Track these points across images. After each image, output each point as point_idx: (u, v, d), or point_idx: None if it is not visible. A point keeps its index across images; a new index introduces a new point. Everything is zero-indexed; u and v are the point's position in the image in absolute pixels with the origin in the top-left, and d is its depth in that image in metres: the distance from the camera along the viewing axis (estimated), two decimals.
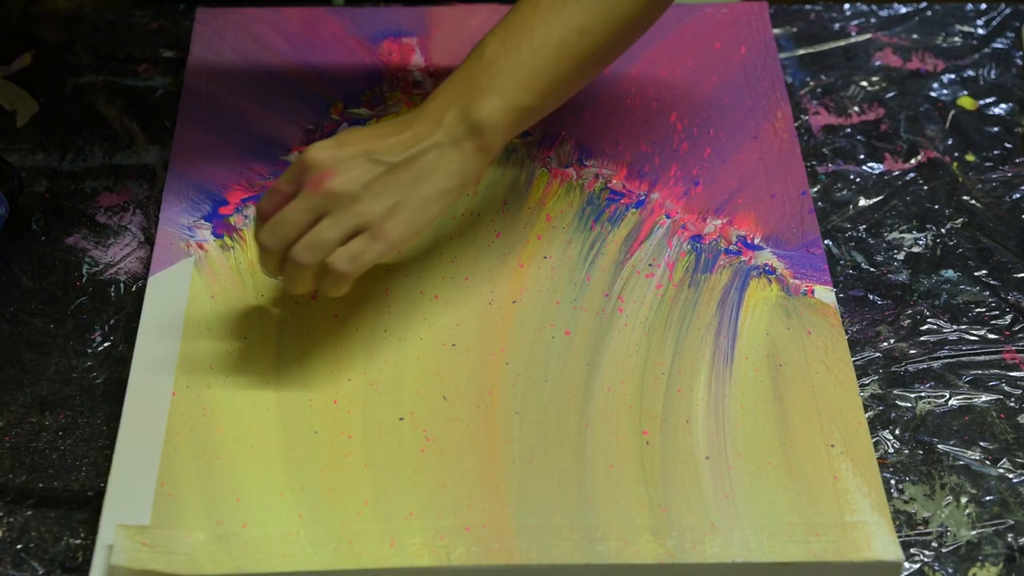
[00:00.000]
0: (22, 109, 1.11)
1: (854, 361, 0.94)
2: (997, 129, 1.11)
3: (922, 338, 0.97)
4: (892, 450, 0.90)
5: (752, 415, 0.89)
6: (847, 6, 1.22)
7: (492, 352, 0.92)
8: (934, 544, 0.86)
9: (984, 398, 0.93)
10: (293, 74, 1.11)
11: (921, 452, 0.90)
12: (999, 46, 1.18)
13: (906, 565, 0.84)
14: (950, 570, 0.85)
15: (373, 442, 0.87)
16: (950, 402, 0.93)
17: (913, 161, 1.09)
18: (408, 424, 0.88)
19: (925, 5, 1.22)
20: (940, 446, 0.91)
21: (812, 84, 1.15)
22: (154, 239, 1.00)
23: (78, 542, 0.85)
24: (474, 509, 0.84)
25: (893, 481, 0.89)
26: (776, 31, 1.19)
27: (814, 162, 1.08)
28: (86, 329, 0.96)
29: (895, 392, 0.93)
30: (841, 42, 1.19)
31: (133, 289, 0.99)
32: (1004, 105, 1.13)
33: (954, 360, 0.95)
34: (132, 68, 1.15)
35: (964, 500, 0.88)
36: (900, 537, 0.86)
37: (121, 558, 0.80)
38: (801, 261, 0.98)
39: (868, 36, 1.19)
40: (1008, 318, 0.98)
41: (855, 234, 1.03)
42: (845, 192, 1.06)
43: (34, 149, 1.08)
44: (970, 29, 1.20)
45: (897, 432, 0.91)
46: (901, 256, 1.02)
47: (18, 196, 1.02)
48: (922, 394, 0.93)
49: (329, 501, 0.84)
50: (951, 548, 0.85)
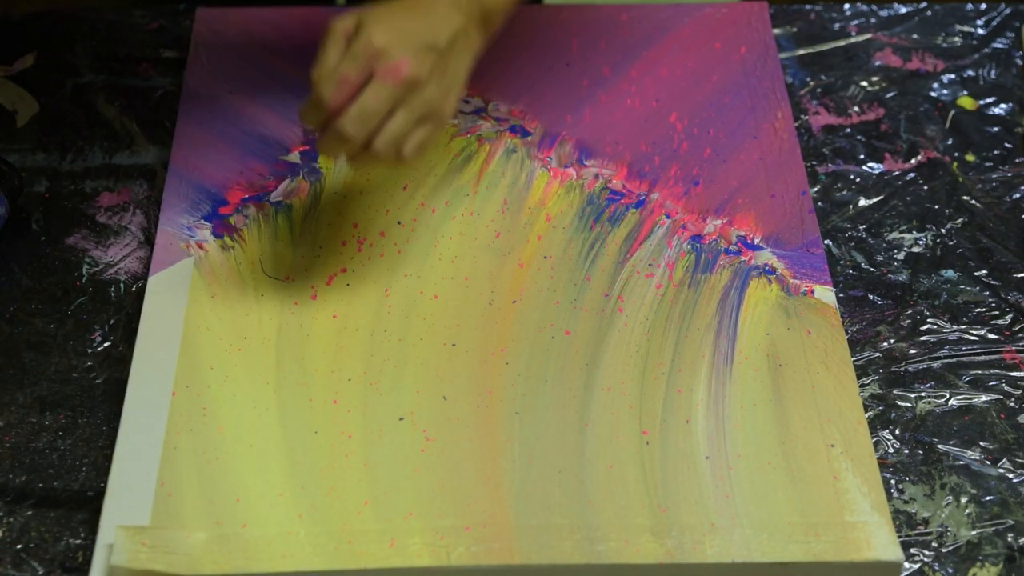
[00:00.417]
0: (22, 109, 1.11)
1: (854, 361, 0.94)
2: (997, 129, 1.11)
3: (922, 338, 0.97)
4: (892, 450, 0.90)
5: (752, 415, 0.89)
6: (847, 6, 1.22)
7: (492, 352, 0.92)
8: (934, 544, 0.86)
9: (984, 398, 0.93)
10: (293, 74, 1.11)
11: (921, 452, 0.90)
12: (999, 46, 1.18)
13: (906, 565, 0.84)
14: (950, 570, 0.85)
15: (373, 442, 0.87)
16: (950, 402, 0.93)
17: (913, 161, 1.09)
18: (408, 424, 0.88)
19: (925, 5, 1.22)
20: (940, 446, 0.91)
21: (812, 84, 1.15)
22: (154, 239, 1.00)
23: (78, 542, 0.85)
24: (474, 509, 0.84)
25: (893, 481, 0.89)
26: (776, 31, 1.19)
27: (814, 162, 1.08)
28: (86, 329, 0.96)
29: (895, 392, 0.93)
30: (841, 42, 1.19)
31: (133, 289, 0.99)
32: (1004, 105, 1.13)
33: (954, 360, 0.95)
34: (132, 68, 1.15)
35: (964, 500, 0.88)
36: (900, 537, 0.86)
37: (121, 558, 0.80)
38: (801, 261, 0.98)
39: (868, 36, 1.19)
40: (1008, 318, 0.98)
41: (855, 234, 1.03)
42: (845, 192, 1.06)
43: (34, 149, 1.08)
44: (970, 29, 1.20)
45: (897, 432, 0.91)
46: (901, 256, 1.02)
47: (18, 196, 1.02)
48: (922, 394, 0.93)
49: (329, 501, 0.84)
50: (951, 548, 0.85)
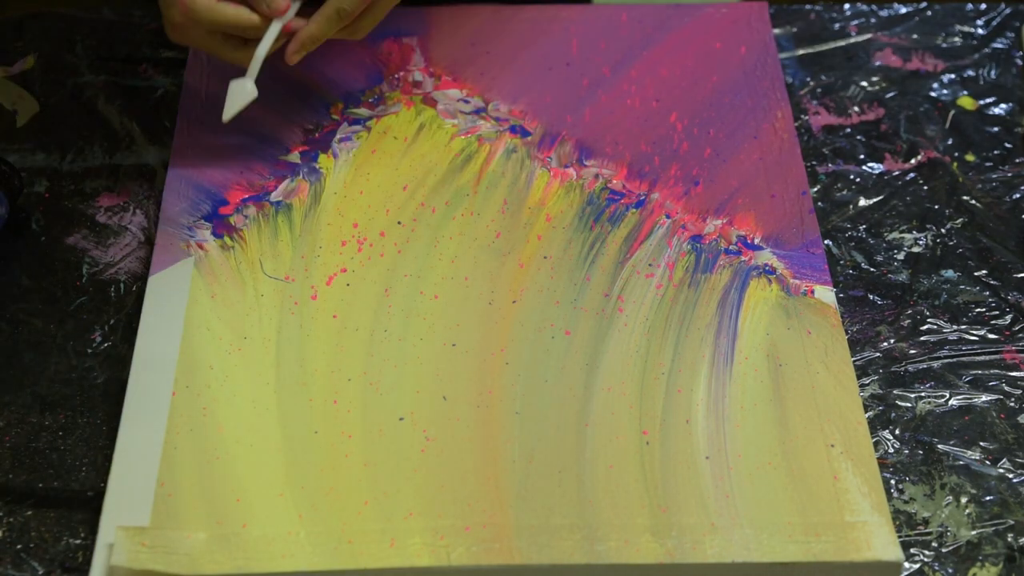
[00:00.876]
0: (22, 109, 1.11)
1: (854, 361, 0.94)
2: (997, 129, 1.11)
3: (922, 338, 0.97)
4: (892, 450, 0.90)
5: (752, 415, 0.89)
6: (847, 6, 1.22)
7: (492, 352, 0.92)
8: (934, 544, 0.86)
9: (984, 398, 0.93)
10: (293, 74, 1.11)
11: (921, 452, 0.90)
12: (999, 46, 1.18)
13: (906, 565, 0.84)
14: (950, 570, 0.85)
15: (373, 442, 0.87)
16: (950, 402, 0.93)
17: (913, 161, 1.09)
18: (408, 424, 0.88)
19: (925, 5, 1.22)
20: (940, 446, 0.91)
21: (812, 84, 1.15)
22: (154, 239, 1.00)
23: (78, 542, 0.85)
24: (474, 509, 0.84)
25: (893, 481, 0.89)
26: (776, 31, 1.19)
27: (814, 162, 1.08)
28: (86, 329, 0.96)
29: (895, 392, 0.93)
30: (841, 42, 1.19)
31: (133, 289, 0.99)
32: (1004, 105, 1.13)
33: (954, 360, 0.95)
34: (132, 68, 1.15)
35: (964, 500, 0.88)
36: (900, 537, 0.86)
37: (121, 558, 0.80)
38: (801, 261, 0.98)
39: (868, 36, 1.19)
40: (1008, 318, 0.98)
41: (855, 234, 1.03)
42: (845, 192, 1.06)
43: (34, 149, 1.08)
44: (970, 29, 1.20)
45: (897, 432, 0.91)
46: (901, 256, 1.02)
47: (18, 196, 1.02)
48: (922, 394, 0.93)
49: (329, 501, 0.84)
50: (951, 548, 0.85)
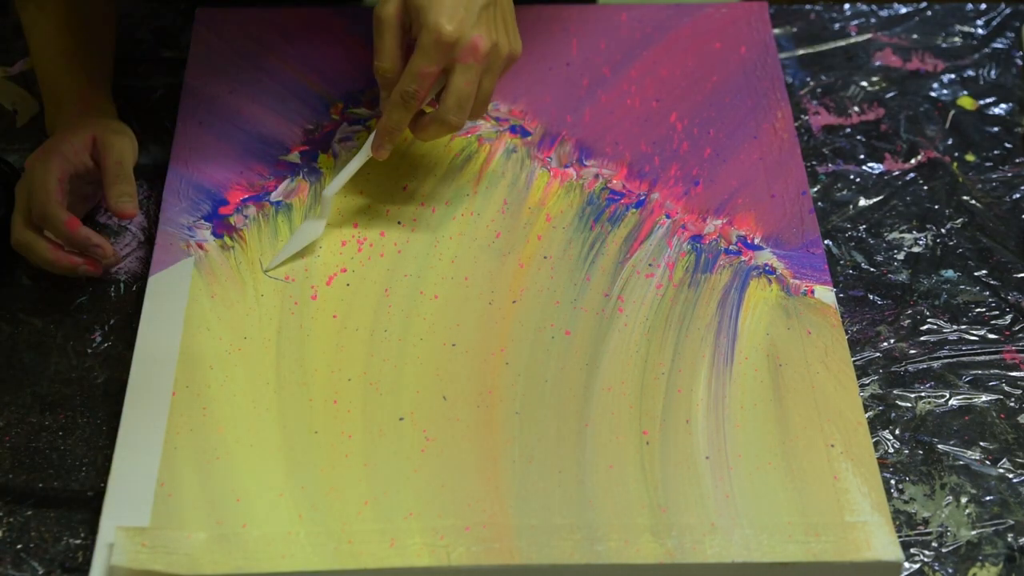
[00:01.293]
0: (23, 109, 1.11)
1: (854, 361, 0.94)
2: (997, 129, 1.11)
3: (922, 338, 0.97)
4: (892, 450, 0.90)
5: (752, 415, 0.89)
6: (847, 6, 1.22)
7: (492, 352, 0.92)
8: (934, 544, 0.86)
9: (984, 398, 0.93)
10: (293, 74, 1.11)
11: (921, 452, 0.90)
12: (999, 46, 1.18)
13: (906, 565, 0.84)
14: (950, 570, 0.85)
15: (373, 442, 0.87)
16: (950, 402, 0.93)
17: (913, 161, 1.09)
18: (408, 424, 0.88)
19: (925, 5, 1.22)
20: (940, 446, 0.91)
21: (812, 84, 1.15)
22: (154, 239, 1.00)
23: (78, 542, 0.85)
24: (474, 509, 0.84)
25: (893, 481, 0.89)
26: (776, 31, 1.19)
27: (814, 162, 1.08)
28: (86, 329, 0.96)
29: (895, 392, 0.93)
30: (841, 42, 1.19)
31: (133, 289, 0.99)
32: (1004, 105, 1.13)
33: (954, 360, 0.95)
34: (132, 68, 1.15)
35: (964, 500, 0.88)
36: (900, 537, 0.86)
37: (121, 558, 0.80)
38: (801, 261, 0.98)
39: (868, 36, 1.19)
40: (1008, 318, 0.98)
41: (855, 234, 1.03)
42: (845, 192, 1.06)
43: (34, 149, 1.08)
44: (970, 29, 1.20)
45: (897, 432, 0.91)
46: (901, 256, 1.02)
47: None
48: (922, 394, 0.93)
49: (329, 501, 0.84)
50: (951, 548, 0.85)
